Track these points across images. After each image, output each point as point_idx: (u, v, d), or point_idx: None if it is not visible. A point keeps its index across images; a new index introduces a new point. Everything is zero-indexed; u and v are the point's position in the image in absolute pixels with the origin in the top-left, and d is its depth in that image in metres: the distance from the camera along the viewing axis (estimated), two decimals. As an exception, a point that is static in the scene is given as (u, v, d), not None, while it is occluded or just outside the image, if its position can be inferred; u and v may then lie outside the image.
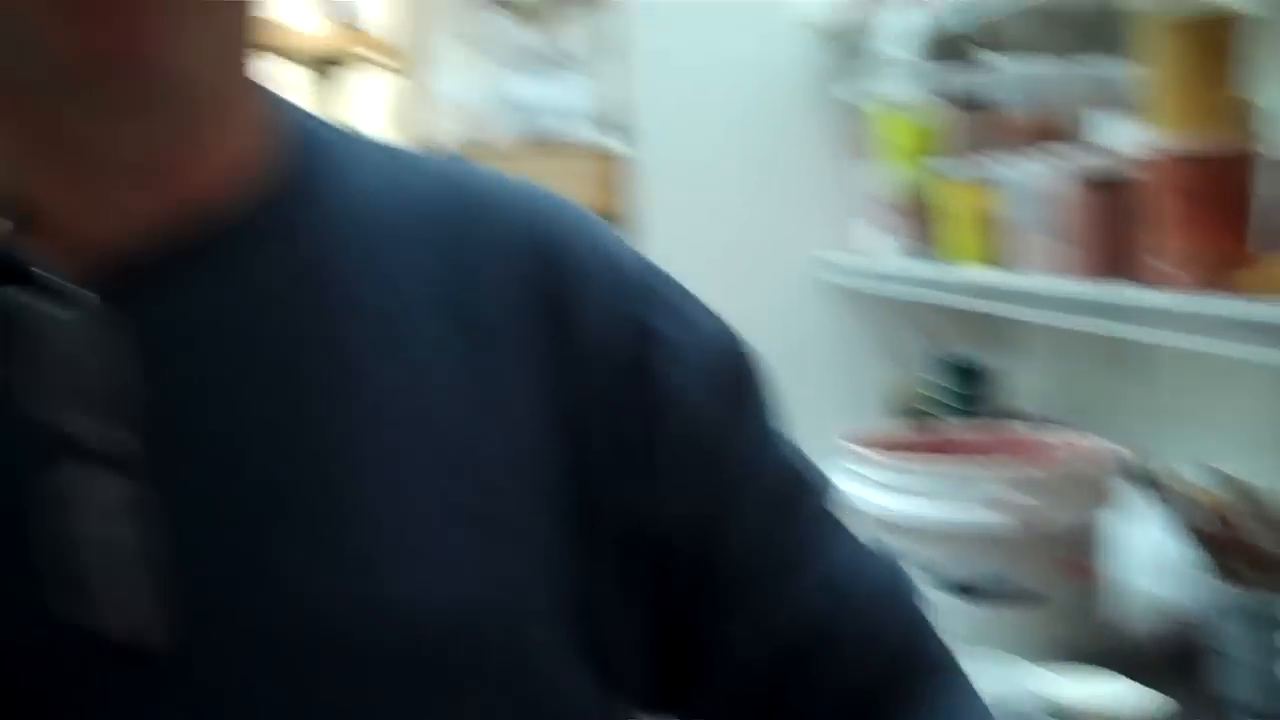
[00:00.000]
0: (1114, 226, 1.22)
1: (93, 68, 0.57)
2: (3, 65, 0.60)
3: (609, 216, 2.23)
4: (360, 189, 0.69)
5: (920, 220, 1.76)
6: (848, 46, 2.02)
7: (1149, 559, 1.37)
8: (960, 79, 1.70)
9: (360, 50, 4.85)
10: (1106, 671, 1.21)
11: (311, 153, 0.70)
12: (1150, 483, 1.44)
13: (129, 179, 0.63)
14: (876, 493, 1.36)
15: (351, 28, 4.61)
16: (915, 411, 1.97)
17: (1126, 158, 1.22)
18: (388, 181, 0.70)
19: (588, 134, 2.19)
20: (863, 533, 0.74)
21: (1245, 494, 1.28)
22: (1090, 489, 1.36)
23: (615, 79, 2.20)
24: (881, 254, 1.90)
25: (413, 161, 0.73)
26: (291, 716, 0.62)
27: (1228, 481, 1.32)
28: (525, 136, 2.18)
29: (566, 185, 2.13)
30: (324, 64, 5.03)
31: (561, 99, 2.18)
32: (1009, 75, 1.61)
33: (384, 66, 4.77)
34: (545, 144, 2.18)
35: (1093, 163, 1.29)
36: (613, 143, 2.19)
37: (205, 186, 0.65)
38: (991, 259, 1.51)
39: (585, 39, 2.20)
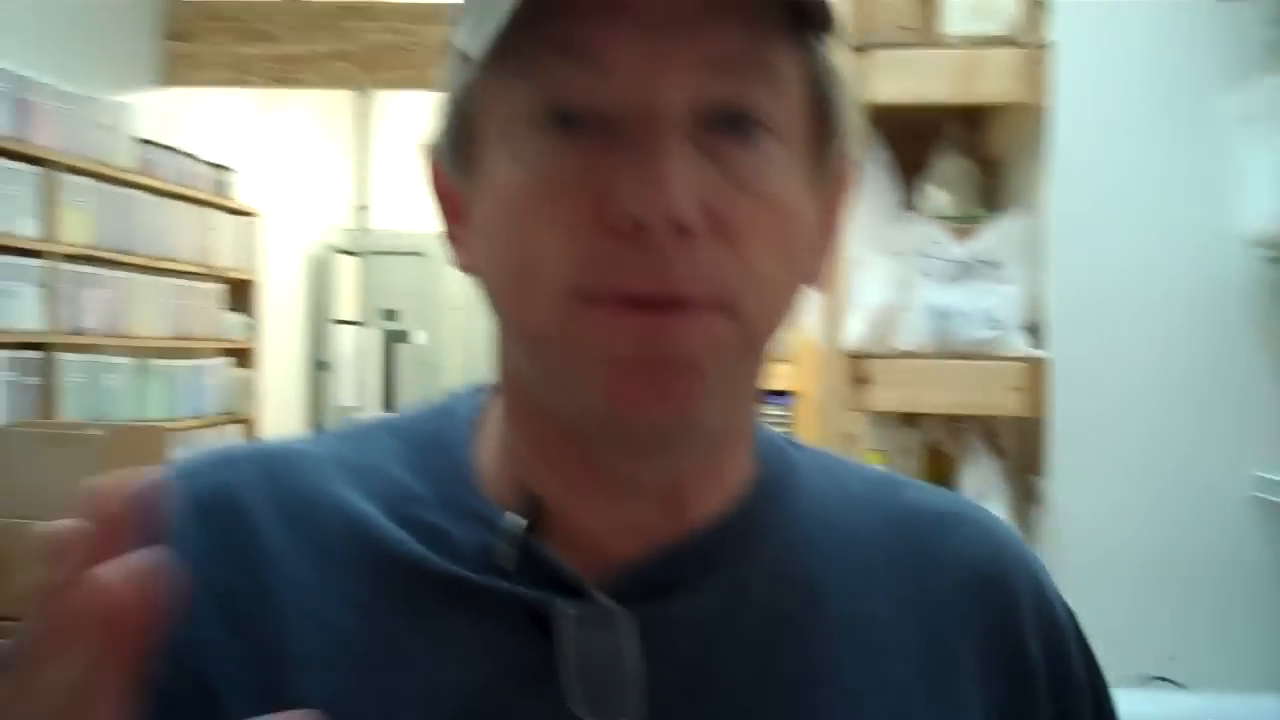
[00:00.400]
0: None
1: (636, 427, 0.66)
2: (547, 406, 0.70)
3: (1027, 421, 2.19)
4: (811, 493, 0.77)
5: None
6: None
7: None
8: None
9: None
10: None
11: (771, 459, 0.78)
12: None
13: (647, 503, 0.71)
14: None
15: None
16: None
17: None
18: (833, 486, 0.79)
19: (1007, 339, 2.16)
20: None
21: None
22: None
23: (1034, 284, 2.18)
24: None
25: (846, 468, 0.82)
26: None
27: None
28: (940, 341, 2.18)
29: (983, 390, 2.11)
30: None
31: (979, 304, 2.17)
32: None
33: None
34: (962, 349, 2.16)
35: None
36: (1032, 348, 2.16)
37: (710, 505, 0.73)
38: None
39: (1004, 245, 2.19)
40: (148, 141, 5.51)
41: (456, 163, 0.71)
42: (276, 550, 0.71)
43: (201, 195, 6.04)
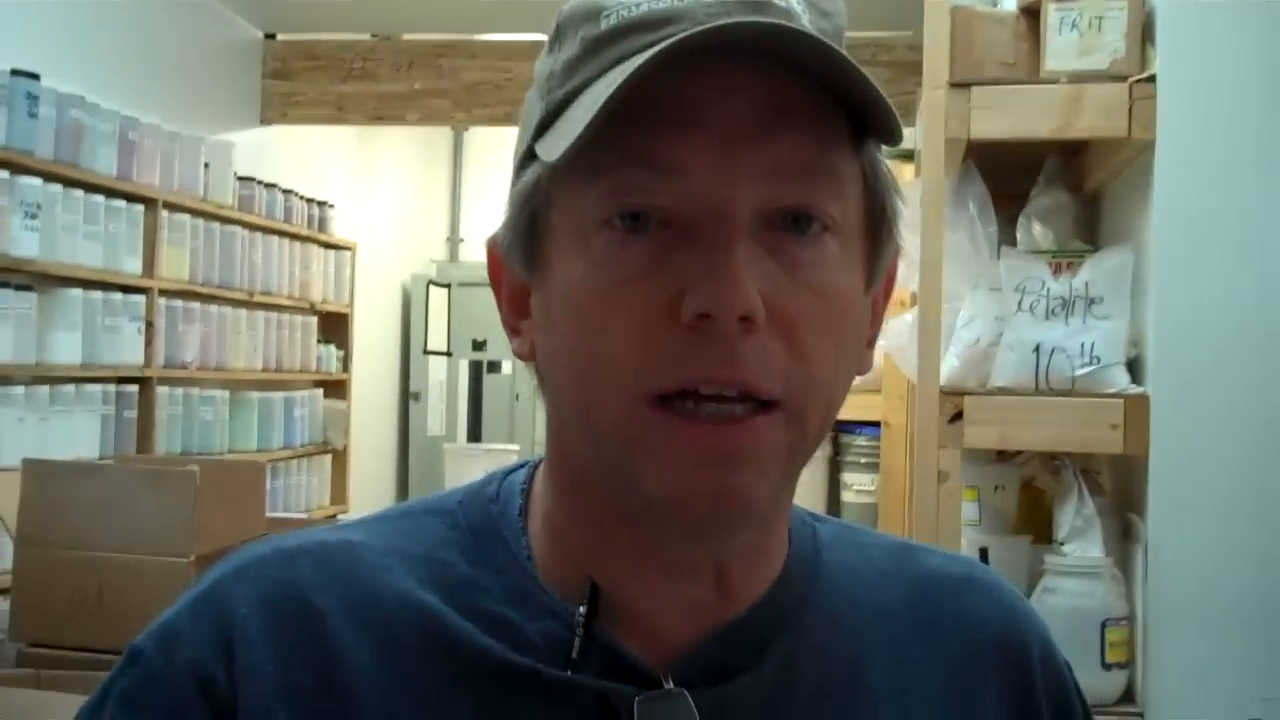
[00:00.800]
0: None
1: (698, 519, 0.70)
2: (607, 492, 0.73)
3: (1125, 458, 2.16)
4: (839, 567, 0.82)
5: None
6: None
7: None
8: None
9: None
10: None
11: (801, 535, 0.82)
12: None
13: (700, 582, 0.75)
14: None
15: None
16: None
17: None
18: (858, 559, 0.84)
19: (1106, 375, 2.14)
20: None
21: None
22: None
23: (1134, 320, 2.16)
24: None
25: (866, 538, 0.87)
26: None
27: None
28: (1038, 377, 2.16)
29: (1081, 426, 2.10)
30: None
31: (1078, 339, 2.15)
32: None
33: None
34: (1060, 385, 2.15)
35: None
36: (1131, 384, 2.13)
37: (757, 583, 0.78)
38: None
39: (1104, 280, 2.17)
40: (248, 178, 5.62)
41: (523, 257, 0.74)
42: (345, 647, 0.73)
43: (299, 230, 6.14)
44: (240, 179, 5.54)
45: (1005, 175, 2.40)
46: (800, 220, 0.70)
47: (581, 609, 0.73)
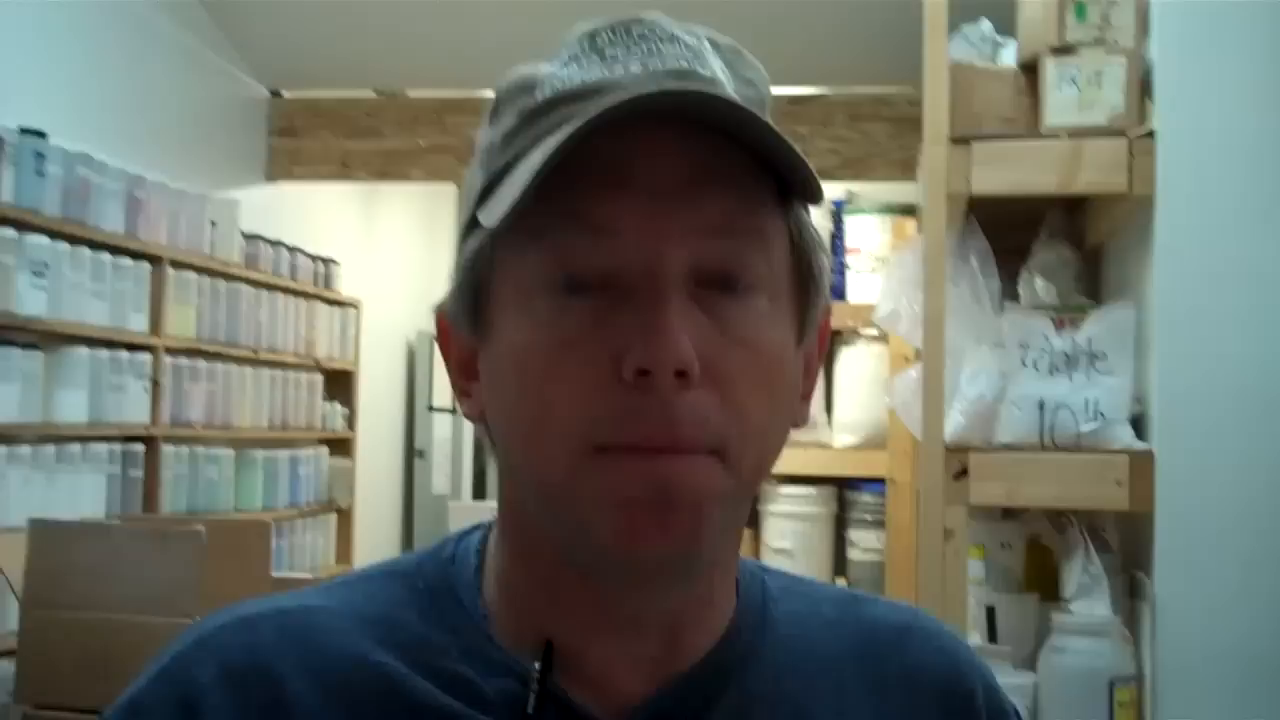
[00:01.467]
0: None
1: (644, 561, 0.72)
2: (558, 548, 0.75)
3: (1132, 515, 2.15)
4: (788, 618, 0.84)
5: None
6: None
7: None
8: None
9: (857, 324, 5.01)
10: None
11: (750, 587, 0.84)
12: None
13: (649, 640, 0.77)
14: None
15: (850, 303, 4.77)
16: None
17: None
18: (806, 609, 0.86)
19: (1110, 431, 2.14)
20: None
21: None
22: None
23: (1138, 375, 2.16)
24: None
25: (813, 590, 0.89)
26: None
27: None
28: (1042, 433, 2.16)
29: (1087, 483, 2.09)
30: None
31: (1082, 395, 2.15)
32: None
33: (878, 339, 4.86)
34: (1064, 441, 2.14)
35: None
36: (1136, 440, 2.13)
37: (705, 634, 0.80)
38: None
39: (1107, 335, 2.17)
40: (253, 236, 5.65)
41: (469, 320, 0.77)
42: (307, 710, 0.74)
43: (305, 287, 6.16)
44: (246, 236, 5.55)
45: (1006, 230, 2.41)
46: (728, 279, 0.73)
47: (536, 665, 0.75)
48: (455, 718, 0.74)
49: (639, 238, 0.70)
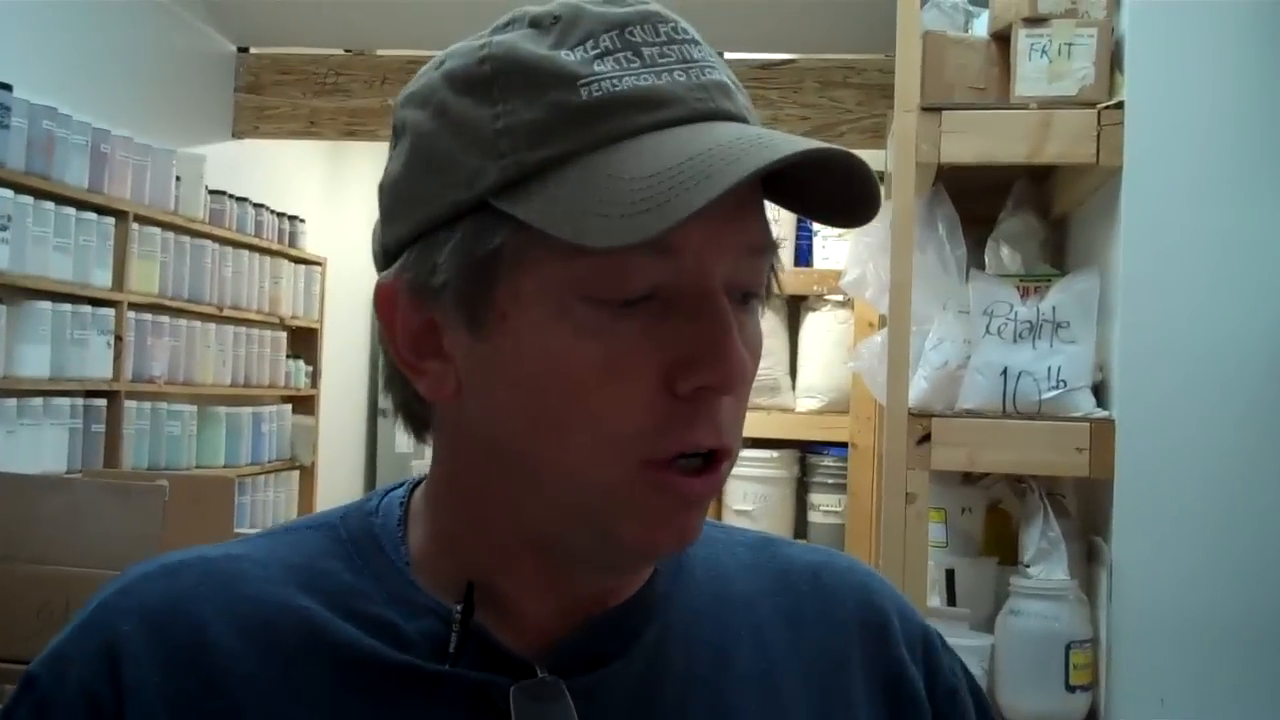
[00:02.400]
0: None
1: (651, 557, 0.79)
2: (526, 525, 0.77)
3: (1091, 481, 2.18)
4: (706, 562, 0.87)
5: None
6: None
7: None
8: None
9: (823, 290, 5.03)
10: None
11: None
12: None
13: (590, 597, 0.80)
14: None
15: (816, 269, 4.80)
16: None
17: None
18: (724, 554, 0.89)
19: (1072, 399, 2.16)
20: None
21: None
22: None
23: (1101, 344, 2.18)
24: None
25: (729, 535, 0.92)
26: None
27: None
28: (1005, 400, 2.18)
29: (1048, 450, 2.12)
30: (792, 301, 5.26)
31: (1044, 363, 2.17)
32: None
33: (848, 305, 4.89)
34: (1026, 408, 2.17)
35: None
36: (1097, 408, 2.15)
37: (631, 586, 0.82)
38: None
39: (1071, 304, 2.19)
40: (219, 192, 5.61)
41: (467, 307, 0.74)
42: (229, 653, 0.75)
43: (269, 245, 6.12)
44: (211, 192, 5.52)
45: (974, 199, 2.42)
46: (750, 294, 0.76)
47: (458, 606, 0.77)
48: (378, 658, 0.76)
49: (697, 257, 0.72)
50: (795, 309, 5.36)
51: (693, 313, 0.72)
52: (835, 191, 0.75)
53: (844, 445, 4.98)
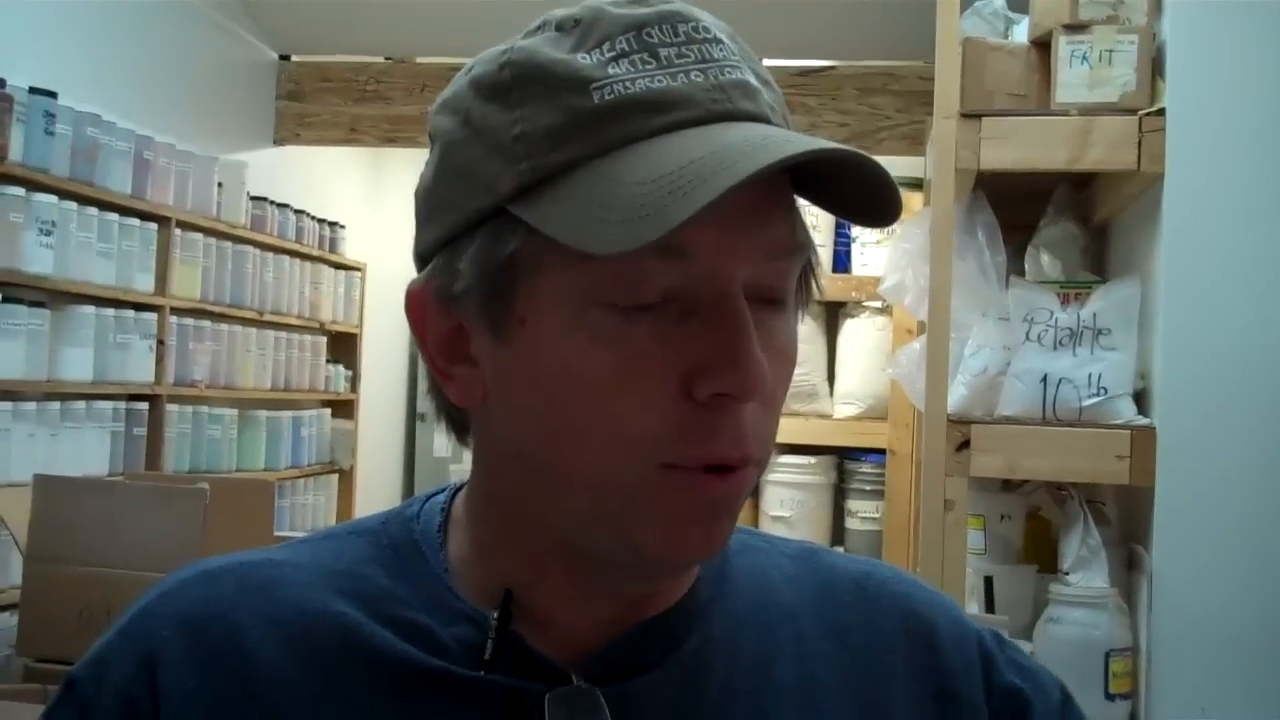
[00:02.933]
0: None
1: (676, 567, 0.77)
2: (556, 533, 0.76)
3: (1131, 489, 2.17)
4: (749, 571, 0.86)
5: None
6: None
7: None
8: None
9: (861, 296, 5.02)
10: None
11: None
12: None
13: (622, 606, 0.79)
14: None
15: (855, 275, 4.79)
16: None
17: None
18: (767, 564, 0.87)
19: (1113, 406, 2.15)
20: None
21: None
22: None
23: (1142, 351, 2.17)
24: None
25: (772, 545, 0.90)
26: None
27: None
28: (1045, 407, 2.17)
29: (1088, 457, 2.11)
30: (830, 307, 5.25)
31: (1085, 370, 2.16)
32: None
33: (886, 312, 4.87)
34: (1066, 415, 2.16)
35: None
36: (1138, 415, 2.14)
37: (670, 596, 0.81)
38: None
39: (1112, 311, 2.18)
40: (260, 198, 5.65)
41: (487, 314, 0.74)
42: (265, 659, 0.76)
43: (310, 250, 6.16)
44: (253, 199, 5.56)
45: (1014, 205, 2.41)
46: (775, 297, 0.74)
47: (495, 613, 0.76)
48: (412, 664, 0.76)
49: (713, 260, 0.70)
50: (833, 315, 5.35)
51: (709, 318, 0.70)
52: (860, 193, 0.74)
53: (882, 452, 4.96)
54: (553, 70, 0.72)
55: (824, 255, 5.10)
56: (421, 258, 0.80)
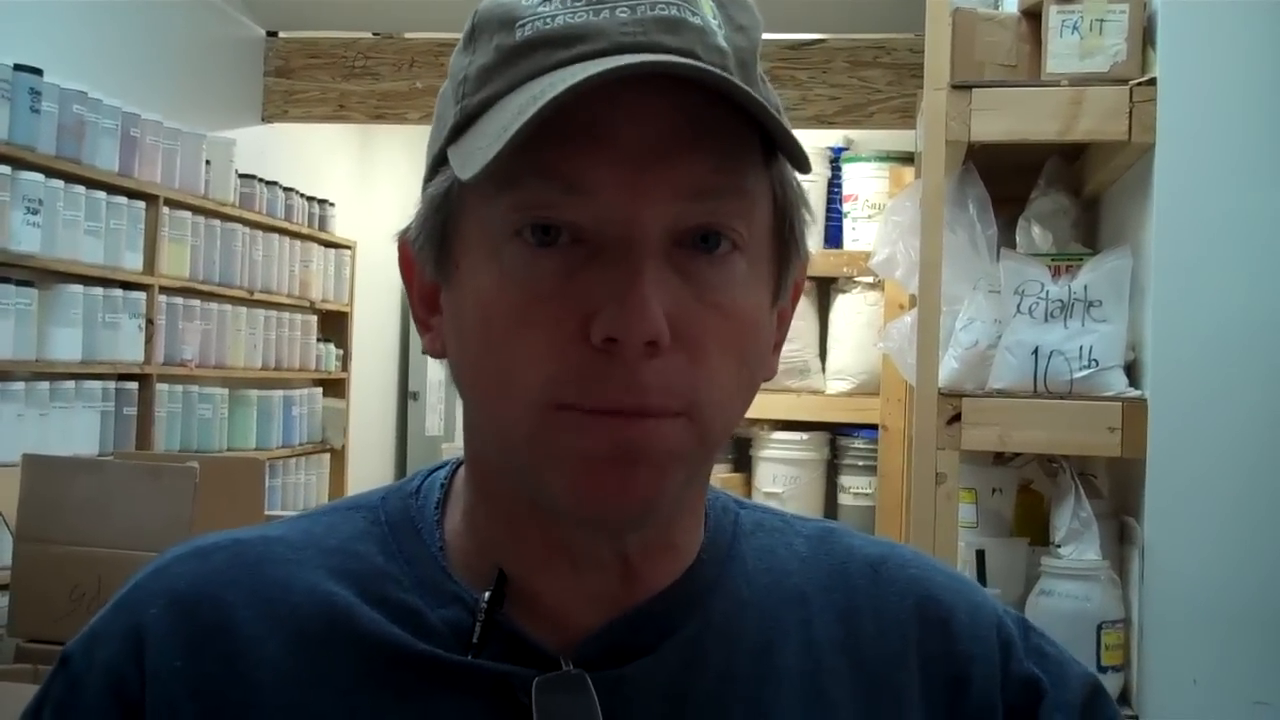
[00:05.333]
0: None
1: (600, 518, 0.71)
2: (514, 490, 0.75)
3: (1123, 461, 2.17)
4: (758, 552, 0.83)
5: None
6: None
7: None
8: None
9: (852, 271, 5.02)
10: None
11: (721, 523, 0.84)
12: None
13: (606, 574, 0.77)
14: None
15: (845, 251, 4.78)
16: None
17: None
18: (779, 544, 0.85)
19: (1104, 378, 2.15)
20: None
21: None
22: None
23: (1133, 323, 2.17)
24: None
25: (788, 525, 0.87)
26: None
27: None
28: (1036, 380, 2.17)
29: (1079, 429, 2.11)
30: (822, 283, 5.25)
31: (1076, 343, 2.16)
32: None
33: (877, 287, 4.88)
34: (1058, 388, 2.15)
35: None
36: (1130, 387, 2.14)
37: (664, 574, 0.79)
38: None
39: (1103, 283, 2.17)
40: (248, 176, 5.62)
41: (433, 258, 0.75)
42: (253, 638, 0.75)
43: (299, 228, 6.14)
44: (241, 176, 5.53)
45: (1005, 177, 2.41)
46: (709, 238, 0.71)
47: (485, 595, 0.75)
48: (400, 647, 0.75)
49: (616, 198, 0.68)
50: (825, 291, 5.34)
51: (608, 258, 0.68)
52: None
53: (874, 427, 4.96)
54: (495, 12, 0.73)
55: (815, 231, 5.08)
56: None
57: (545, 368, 0.69)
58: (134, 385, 4.76)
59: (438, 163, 0.75)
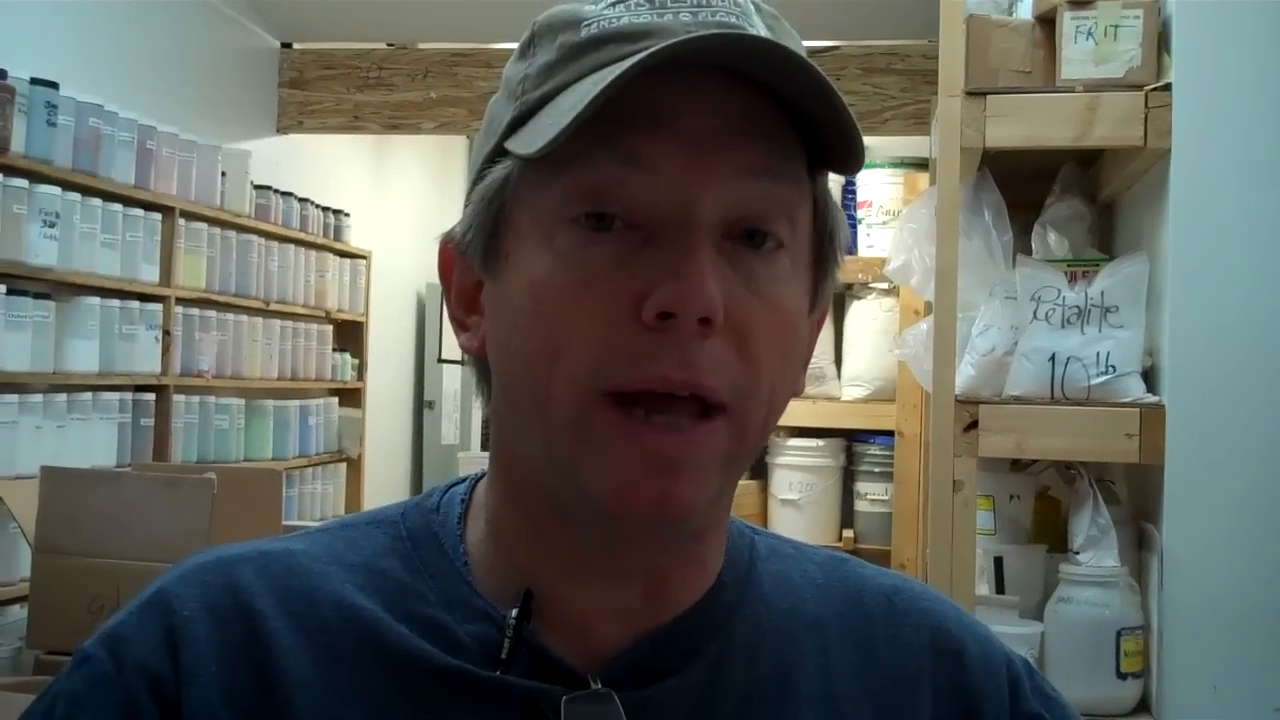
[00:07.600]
0: None
1: (634, 523, 0.72)
2: (547, 490, 0.75)
3: (1141, 467, 2.16)
4: (774, 577, 0.84)
5: None
6: None
7: None
8: None
9: (868, 278, 5.01)
10: None
11: (738, 545, 0.85)
12: None
13: (632, 591, 0.77)
14: None
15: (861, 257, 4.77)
16: None
17: None
18: (793, 570, 0.86)
19: (1121, 384, 2.14)
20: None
21: None
22: None
23: (1150, 328, 2.16)
24: None
25: (800, 551, 0.88)
26: None
27: None
28: (1053, 386, 2.16)
29: (1097, 436, 2.10)
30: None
31: (1093, 349, 2.15)
32: None
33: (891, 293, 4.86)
34: (1075, 394, 2.15)
35: None
36: (1147, 393, 2.13)
37: (690, 591, 0.79)
38: None
39: (1120, 289, 2.17)
40: (264, 187, 5.64)
41: (482, 251, 0.76)
42: (283, 650, 0.75)
43: (315, 239, 6.15)
44: (257, 188, 5.54)
45: (1020, 184, 2.40)
46: (756, 235, 0.73)
47: (513, 611, 0.75)
48: (428, 662, 0.75)
49: (676, 178, 0.70)
50: (840, 297, 5.34)
51: (665, 240, 0.70)
52: (831, 135, 0.74)
53: (890, 434, 4.96)
54: (559, 16, 0.76)
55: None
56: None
57: (595, 348, 0.70)
58: (151, 396, 4.77)
59: (486, 164, 0.77)
